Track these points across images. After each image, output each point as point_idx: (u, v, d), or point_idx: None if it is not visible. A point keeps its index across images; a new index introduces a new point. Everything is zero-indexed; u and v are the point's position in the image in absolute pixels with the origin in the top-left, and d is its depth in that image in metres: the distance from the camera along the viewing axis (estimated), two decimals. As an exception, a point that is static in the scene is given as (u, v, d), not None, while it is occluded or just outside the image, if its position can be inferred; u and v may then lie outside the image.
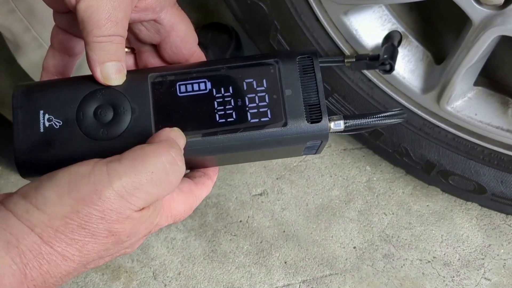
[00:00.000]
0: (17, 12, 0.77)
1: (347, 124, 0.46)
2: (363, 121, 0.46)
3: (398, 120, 0.47)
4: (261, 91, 0.45)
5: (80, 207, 0.36)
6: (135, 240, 0.41)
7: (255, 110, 0.45)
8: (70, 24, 0.47)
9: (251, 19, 0.95)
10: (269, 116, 0.45)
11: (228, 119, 0.45)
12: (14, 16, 0.78)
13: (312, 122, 0.45)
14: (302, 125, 0.45)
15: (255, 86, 0.45)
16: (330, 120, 0.45)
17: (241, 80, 0.46)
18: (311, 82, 0.46)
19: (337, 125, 0.46)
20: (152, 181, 0.38)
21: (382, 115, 0.47)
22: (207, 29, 1.22)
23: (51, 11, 0.48)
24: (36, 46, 0.82)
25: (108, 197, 0.37)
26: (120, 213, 0.37)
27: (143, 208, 0.39)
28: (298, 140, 0.45)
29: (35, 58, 0.84)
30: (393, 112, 0.47)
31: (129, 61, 0.52)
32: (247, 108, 0.45)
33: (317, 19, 0.88)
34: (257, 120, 0.45)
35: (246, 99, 0.45)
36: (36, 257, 0.36)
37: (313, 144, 0.47)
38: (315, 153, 0.50)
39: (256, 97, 0.45)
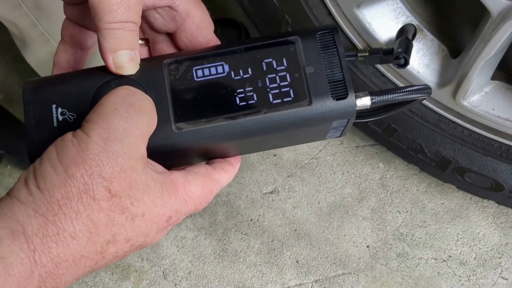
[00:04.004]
0: (23, 7, 0.76)
1: (373, 100, 0.44)
2: (389, 96, 0.44)
3: (423, 95, 0.45)
4: (282, 71, 0.44)
5: (74, 170, 0.36)
6: (148, 220, 0.39)
7: (277, 91, 0.43)
8: (81, 16, 0.46)
9: (261, 13, 0.93)
10: (292, 95, 0.43)
11: (249, 102, 0.43)
12: (20, 11, 0.77)
13: (337, 99, 0.43)
14: (327, 102, 0.43)
15: (275, 66, 0.44)
16: (356, 97, 0.44)
17: (260, 61, 0.44)
18: (334, 58, 0.44)
19: (364, 101, 0.44)
20: (120, 115, 0.38)
21: (408, 89, 0.45)
22: (216, 25, 1.20)
23: (58, 5, 0.47)
24: (43, 42, 0.80)
25: (93, 151, 0.36)
26: (110, 164, 0.37)
27: (136, 163, 0.38)
28: (324, 119, 0.43)
29: (42, 54, 0.83)
30: (419, 87, 0.45)
31: (144, 53, 0.51)
32: (268, 89, 0.43)
33: (329, 13, 0.86)
34: (279, 100, 0.43)
35: (267, 79, 0.43)
36: (44, 240, 0.35)
37: (339, 123, 0.45)
38: (340, 136, 0.48)
39: (277, 77, 0.43)
